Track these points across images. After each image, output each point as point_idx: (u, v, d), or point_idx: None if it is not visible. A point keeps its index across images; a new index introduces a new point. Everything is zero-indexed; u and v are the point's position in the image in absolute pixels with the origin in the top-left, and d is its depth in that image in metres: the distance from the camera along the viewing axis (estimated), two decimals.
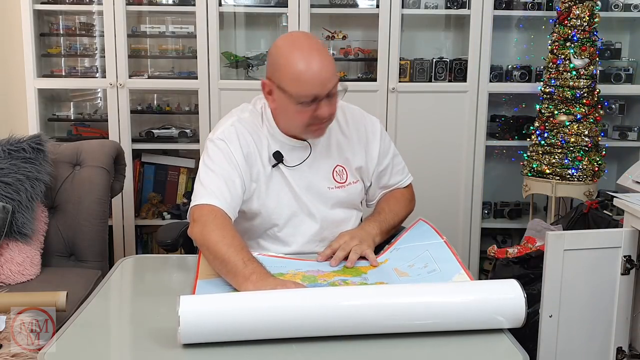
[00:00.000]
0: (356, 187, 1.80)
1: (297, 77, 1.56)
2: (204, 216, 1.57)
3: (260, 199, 1.71)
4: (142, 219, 3.31)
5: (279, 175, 1.72)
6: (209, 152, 1.69)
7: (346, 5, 3.20)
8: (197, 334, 1.16)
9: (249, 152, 1.69)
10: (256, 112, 1.75)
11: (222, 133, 1.70)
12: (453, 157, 3.23)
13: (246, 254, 1.45)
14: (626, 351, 1.97)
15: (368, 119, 1.85)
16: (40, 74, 3.21)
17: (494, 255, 2.60)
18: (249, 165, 1.69)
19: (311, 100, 1.57)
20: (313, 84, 1.55)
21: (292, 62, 1.56)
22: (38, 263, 2.24)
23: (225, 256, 1.45)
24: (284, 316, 1.18)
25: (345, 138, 1.79)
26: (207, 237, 1.52)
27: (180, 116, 3.43)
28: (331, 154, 1.77)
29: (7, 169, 2.21)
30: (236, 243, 1.48)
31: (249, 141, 1.70)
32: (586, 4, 2.83)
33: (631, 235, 1.92)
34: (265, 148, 1.71)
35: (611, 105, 3.33)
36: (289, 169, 1.71)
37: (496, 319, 1.23)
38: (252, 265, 1.41)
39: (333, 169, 1.76)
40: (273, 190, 1.72)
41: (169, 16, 3.30)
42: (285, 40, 1.65)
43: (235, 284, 1.41)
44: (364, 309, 1.21)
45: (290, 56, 1.57)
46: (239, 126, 1.71)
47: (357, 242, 1.64)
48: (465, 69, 3.18)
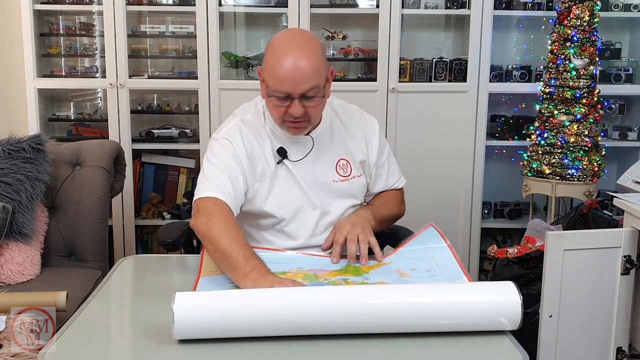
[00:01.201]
0: (360, 180, 1.83)
1: (272, 72, 1.59)
2: (209, 208, 1.58)
3: (267, 197, 1.73)
4: (142, 219, 3.30)
5: (285, 171, 1.74)
6: (213, 150, 1.71)
7: (346, 5, 3.20)
8: (191, 330, 1.17)
9: (253, 152, 1.71)
10: (258, 112, 1.77)
11: (227, 132, 1.73)
12: (453, 157, 3.23)
13: (248, 250, 1.46)
14: (626, 351, 1.97)
15: (367, 117, 1.90)
16: (40, 74, 3.21)
17: (494, 255, 2.60)
18: (253, 165, 1.70)
19: (284, 97, 1.59)
20: (285, 82, 1.57)
21: (274, 57, 1.59)
22: (38, 263, 2.24)
23: (228, 250, 1.46)
24: (279, 314, 1.19)
25: (348, 132, 1.82)
26: (211, 229, 1.53)
27: (180, 116, 3.42)
28: (334, 147, 1.79)
29: (7, 169, 2.21)
30: (239, 238, 1.50)
31: (252, 141, 1.72)
32: (586, 4, 2.83)
33: (631, 235, 1.92)
34: (269, 147, 1.73)
35: (611, 105, 3.33)
36: (293, 163, 1.73)
37: (498, 321, 1.23)
38: (253, 262, 1.42)
39: (337, 163, 1.79)
40: (279, 187, 1.73)
41: (169, 16, 3.30)
42: (281, 34, 1.69)
43: (234, 279, 1.42)
44: (362, 308, 1.21)
45: (275, 50, 1.61)
46: (243, 127, 1.74)
47: (359, 229, 1.65)
48: (465, 69, 3.18)
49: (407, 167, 3.12)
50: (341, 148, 1.80)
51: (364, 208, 1.82)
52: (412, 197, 2.16)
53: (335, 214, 1.78)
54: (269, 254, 1.64)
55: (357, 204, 1.85)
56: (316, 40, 1.66)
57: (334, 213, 1.78)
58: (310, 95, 1.60)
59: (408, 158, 3.18)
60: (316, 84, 1.59)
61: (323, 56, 1.65)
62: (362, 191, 1.86)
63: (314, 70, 1.58)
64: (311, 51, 1.60)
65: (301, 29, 1.70)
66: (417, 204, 2.23)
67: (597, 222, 2.53)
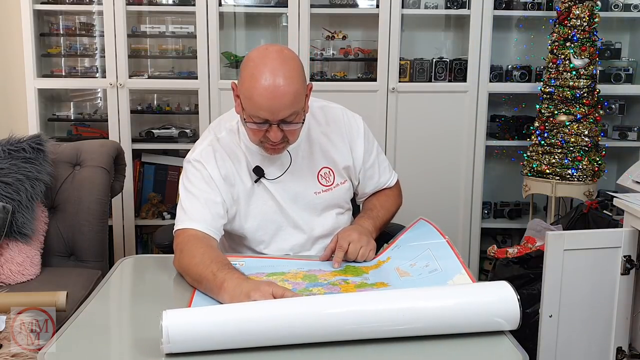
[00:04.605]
0: (343, 187, 1.79)
1: (250, 97, 1.51)
2: (179, 244, 1.57)
3: (244, 219, 1.70)
4: (142, 219, 3.30)
5: (262, 190, 1.70)
6: (187, 174, 1.68)
7: (346, 5, 3.20)
8: (180, 348, 1.15)
9: (227, 173, 1.67)
10: (232, 130, 1.71)
11: (199, 154, 1.68)
12: (453, 157, 3.23)
13: (215, 265, 1.41)
14: (626, 351, 1.97)
15: (351, 117, 1.81)
16: (40, 74, 3.21)
17: (494, 255, 2.60)
18: (230, 186, 1.67)
19: (261, 122, 1.53)
20: (263, 109, 1.51)
21: (251, 80, 1.51)
22: (38, 263, 2.24)
23: (196, 275, 1.44)
24: (267, 327, 1.17)
25: (328, 139, 1.75)
26: (181, 264, 1.52)
27: (180, 116, 3.43)
28: (314, 158, 1.74)
29: (7, 169, 2.21)
30: (205, 258, 1.45)
31: (227, 161, 1.67)
32: (586, 4, 2.83)
33: (631, 235, 1.92)
34: (244, 166, 1.69)
35: (611, 105, 3.33)
36: (271, 182, 1.70)
37: (495, 322, 1.23)
38: (222, 274, 1.38)
39: (318, 173, 1.74)
40: (256, 208, 1.70)
41: (169, 16, 3.30)
42: (257, 53, 1.57)
43: (215, 296, 1.39)
44: (357, 315, 1.19)
45: (252, 72, 1.52)
46: (217, 146, 1.68)
47: (364, 241, 1.63)
48: (465, 69, 3.18)
49: (407, 167, 3.17)
50: (322, 157, 1.74)
51: (365, 218, 1.77)
52: (412, 197, 2.17)
53: (322, 229, 1.76)
54: (266, 260, 1.64)
55: (342, 211, 1.82)
56: (295, 60, 1.57)
57: (318, 229, 1.75)
58: (289, 120, 1.54)
59: (408, 158, 3.19)
60: (295, 110, 1.53)
61: (302, 77, 1.56)
62: (346, 198, 1.82)
63: (293, 96, 1.51)
64: (289, 74, 1.51)
65: (278, 46, 1.60)
66: (417, 204, 2.23)
67: (597, 222, 2.53)
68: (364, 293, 1.37)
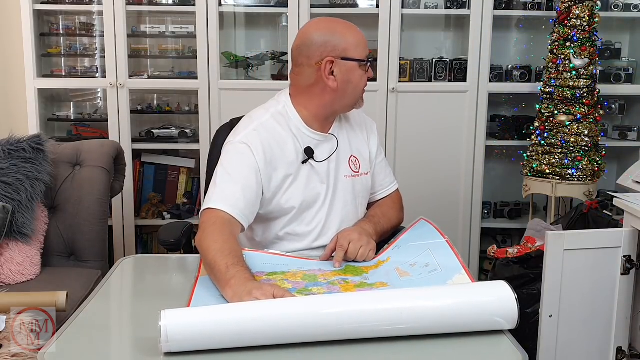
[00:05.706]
0: (367, 179, 1.84)
1: (357, 42, 1.69)
2: (204, 223, 1.57)
3: (285, 192, 1.71)
4: (142, 219, 3.31)
5: (307, 171, 1.73)
6: (228, 156, 1.67)
7: (346, 5, 3.20)
8: (179, 347, 1.15)
9: (273, 157, 1.68)
10: (278, 114, 1.73)
11: (245, 137, 1.68)
12: (453, 157, 3.23)
13: (232, 259, 1.43)
14: (626, 351, 1.97)
15: (366, 117, 1.92)
16: (40, 74, 3.21)
17: (494, 255, 2.60)
18: (273, 169, 1.68)
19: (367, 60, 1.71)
20: (366, 45, 1.72)
21: (347, 33, 1.69)
22: (38, 263, 2.24)
23: (212, 261, 1.44)
24: (265, 326, 1.17)
25: (353, 130, 1.85)
26: (202, 243, 1.52)
27: (180, 116, 3.43)
28: (347, 144, 1.81)
29: (7, 169, 2.21)
30: (226, 248, 1.47)
31: (273, 145, 1.68)
32: (586, 4, 2.83)
33: (631, 235, 1.92)
34: (292, 148, 1.71)
35: (611, 105, 3.33)
36: (317, 163, 1.73)
37: (494, 321, 1.23)
38: (233, 270, 1.39)
39: (349, 159, 1.80)
40: (298, 189, 1.71)
41: (169, 16, 3.30)
42: (319, 24, 1.75)
43: (219, 288, 1.40)
44: (356, 315, 1.20)
45: (341, 30, 1.69)
46: (262, 130, 1.69)
47: (365, 241, 1.64)
48: (465, 69, 3.18)
49: (407, 167, 3.17)
50: (350, 145, 1.82)
51: (366, 222, 1.79)
52: (412, 197, 2.17)
53: (351, 215, 1.79)
54: (268, 256, 1.63)
55: (351, 207, 1.81)
56: None
57: (350, 214, 1.79)
58: None
59: (408, 158, 3.18)
60: None
61: None
62: (365, 192, 1.85)
63: None
64: None
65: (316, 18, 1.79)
66: (417, 204, 2.23)
67: (597, 222, 2.53)
68: (364, 293, 1.37)
